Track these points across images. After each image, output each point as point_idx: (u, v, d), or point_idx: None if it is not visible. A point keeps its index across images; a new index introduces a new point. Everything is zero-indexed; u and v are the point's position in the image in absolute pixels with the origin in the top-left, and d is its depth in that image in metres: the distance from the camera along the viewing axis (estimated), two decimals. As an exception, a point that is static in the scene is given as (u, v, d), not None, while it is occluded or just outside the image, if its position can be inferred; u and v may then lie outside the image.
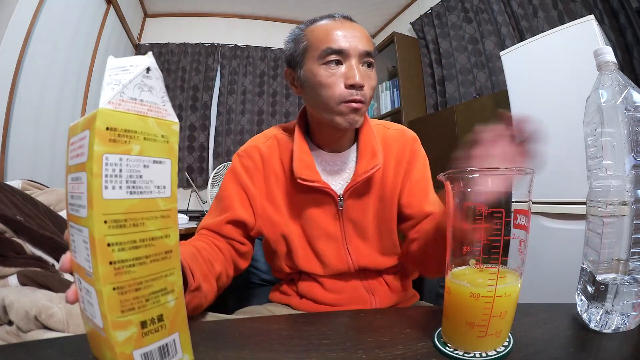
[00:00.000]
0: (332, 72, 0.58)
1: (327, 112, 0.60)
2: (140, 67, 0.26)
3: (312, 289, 0.66)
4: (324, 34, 0.59)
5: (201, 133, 3.61)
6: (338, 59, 0.58)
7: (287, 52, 0.65)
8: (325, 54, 0.58)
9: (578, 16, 1.85)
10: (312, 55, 0.60)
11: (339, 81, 0.58)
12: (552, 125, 1.67)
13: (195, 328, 0.32)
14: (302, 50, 0.61)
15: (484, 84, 2.57)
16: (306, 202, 0.65)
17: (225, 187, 0.67)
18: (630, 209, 0.37)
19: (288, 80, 0.67)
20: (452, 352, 0.33)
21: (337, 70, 0.58)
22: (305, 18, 0.66)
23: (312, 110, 0.65)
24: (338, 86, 0.58)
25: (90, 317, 0.26)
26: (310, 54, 0.60)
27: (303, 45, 0.61)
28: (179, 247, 0.28)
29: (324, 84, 0.58)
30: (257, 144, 0.68)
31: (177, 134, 0.28)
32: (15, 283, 0.75)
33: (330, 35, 0.58)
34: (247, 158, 0.67)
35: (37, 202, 1.00)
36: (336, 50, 0.58)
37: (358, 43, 0.59)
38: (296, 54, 0.62)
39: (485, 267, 0.32)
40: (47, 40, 1.94)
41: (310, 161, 0.64)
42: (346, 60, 0.59)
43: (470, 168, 0.34)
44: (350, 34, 0.59)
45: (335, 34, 0.58)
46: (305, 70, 0.61)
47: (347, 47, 0.58)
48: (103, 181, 0.23)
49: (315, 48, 0.59)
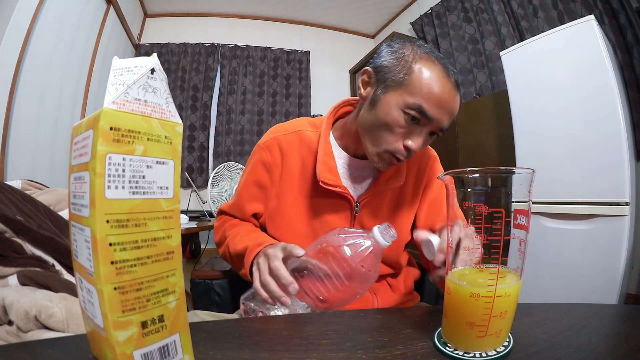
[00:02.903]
0: (405, 125, 0.55)
1: (371, 144, 0.59)
2: (144, 68, 0.26)
3: None
4: (427, 88, 0.53)
5: (201, 133, 3.61)
6: (418, 118, 0.54)
7: (384, 60, 0.58)
8: (413, 107, 0.54)
9: (578, 16, 1.85)
10: (401, 94, 0.55)
11: (403, 136, 0.56)
12: (552, 125, 1.67)
13: (195, 328, 0.33)
14: (397, 80, 0.55)
15: (484, 84, 2.57)
16: (322, 204, 0.65)
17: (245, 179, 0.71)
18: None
19: (362, 79, 0.62)
20: (452, 352, 0.33)
21: (410, 127, 0.55)
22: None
23: (359, 125, 0.62)
24: (399, 140, 0.56)
25: (91, 316, 0.26)
26: (401, 91, 0.55)
27: (402, 77, 0.55)
28: (180, 247, 0.28)
29: (391, 129, 0.56)
30: (277, 136, 0.68)
31: (181, 135, 0.28)
32: (15, 283, 0.75)
33: (432, 94, 0.53)
34: (267, 151, 0.67)
35: (37, 202, 1.00)
36: (424, 114, 0.54)
37: (445, 118, 0.55)
38: (389, 75, 0.56)
39: (485, 267, 0.33)
40: (47, 40, 1.94)
41: (333, 164, 0.64)
42: (423, 125, 0.55)
43: (470, 169, 0.34)
44: (447, 107, 0.54)
45: (436, 97, 0.53)
46: (385, 99, 0.56)
47: (435, 118, 0.54)
48: (106, 181, 0.23)
49: (410, 91, 0.54)
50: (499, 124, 2.08)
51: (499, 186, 0.32)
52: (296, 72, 3.87)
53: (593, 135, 1.52)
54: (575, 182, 1.58)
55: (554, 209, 1.64)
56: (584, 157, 1.55)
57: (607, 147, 1.47)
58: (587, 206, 1.53)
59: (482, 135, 2.19)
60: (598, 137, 1.50)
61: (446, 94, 0.54)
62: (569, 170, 1.61)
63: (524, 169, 0.31)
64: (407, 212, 0.68)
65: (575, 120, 1.58)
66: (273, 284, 0.49)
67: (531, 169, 0.32)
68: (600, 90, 1.47)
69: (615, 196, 1.46)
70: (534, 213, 1.61)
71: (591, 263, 1.50)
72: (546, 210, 1.67)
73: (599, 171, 1.51)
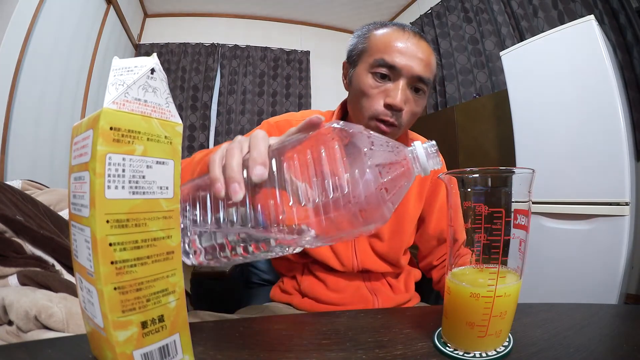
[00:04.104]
0: (376, 85, 0.56)
1: (357, 119, 0.60)
2: (144, 68, 0.26)
3: (315, 288, 0.66)
4: (384, 44, 0.56)
5: (201, 133, 3.60)
6: (387, 74, 0.55)
7: (350, 46, 0.63)
8: (376, 64, 0.55)
9: (578, 16, 1.85)
10: (365, 60, 0.58)
11: (380, 96, 0.56)
12: (552, 125, 1.67)
13: (195, 328, 0.33)
14: (359, 51, 0.59)
15: (484, 84, 2.57)
16: None
17: None
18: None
19: (342, 73, 0.66)
20: (452, 352, 0.33)
21: (383, 85, 0.56)
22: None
23: (350, 111, 0.64)
24: (377, 101, 0.56)
25: (91, 316, 0.26)
26: (364, 58, 0.58)
27: (362, 47, 0.59)
28: (180, 247, 0.28)
29: (365, 93, 0.57)
30: (291, 120, 0.67)
31: (181, 135, 0.28)
32: (15, 283, 0.75)
33: (389, 46, 0.55)
34: (276, 130, 0.65)
35: (37, 202, 1.00)
36: (388, 65, 0.55)
37: (414, 64, 0.54)
38: (354, 52, 0.61)
39: (485, 267, 0.33)
40: (47, 41, 1.94)
41: None
42: (395, 79, 0.55)
43: (470, 169, 0.34)
44: (410, 52, 0.55)
45: (394, 47, 0.55)
46: (355, 72, 0.60)
47: (400, 66, 0.54)
48: (106, 181, 0.23)
49: (370, 54, 0.57)
50: (499, 124, 2.08)
51: (499, 186, 0.33)
52: (296, 72, 3.87)
53: (593, 135, 1.52)
54: (575, 182, 1.58)
55: (554, 209, 1.64)
56: (584, 157, 1.55)
57: (607, 147, 1.47)
58: (587, 206, 1.53)
59: (482, 135, 2.19)
60: (598, 137, 1.50)
61: (405, 41, 0.55)
62: (569, 170, 1.61)
63: (524, 169, 0.31)
64: (410, 215, 0.68)
65: (575, 120, 1.58)
66: (237, 158, 0.31)
67: (531, 169, 0.32)
68: (600, 90, 1.47)
69: (615, 196, 1.46)
70: (534, 213, 1.61)
71: (591, 263, 1.50)
72: (546, 210, 1.67)
73: (599, 171, 1.51)
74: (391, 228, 0.67)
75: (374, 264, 0.66)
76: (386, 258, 0.67)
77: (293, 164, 0.31)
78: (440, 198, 0.69)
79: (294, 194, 0.30)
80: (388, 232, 0.66)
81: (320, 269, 0.67)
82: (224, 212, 0.31)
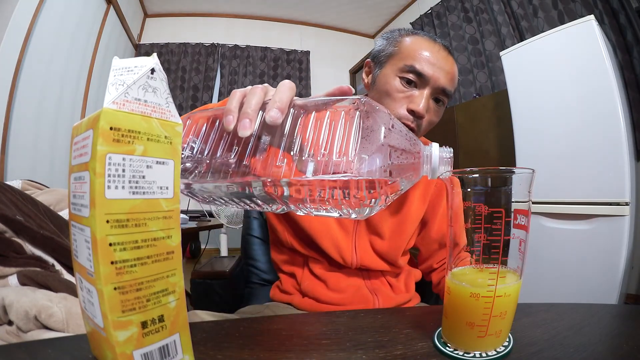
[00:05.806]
0: (402, 89, 0.58)
1: None
2: (144, 68, 0.26)
3: (316, 287, 0.66)
4: (415, 51, 0.58)
5: (201, 133, 3.60)
6: (414, 80, 0.57)
7: (377, 47, 0.64)
8: (406, 69, 0.57)
9: (578, 16, 1.85)
10: (394, 63, 0.59)
11: (404, 101, 0.58)
12: (552, 125, 1.67)
13: (195, 328, 0.33)
14: (389, 53, 0.61)
15: (484, 84, 2.57)
16: None
17: None
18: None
19: (364, 71, 0.67)
20: (452, 352, 0.33)
21: (409, 90, 0.58)
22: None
23: None
24: (400, 104, 0.58)
25: (90, 316, 0.26)
26: (393, 61, 0.60)
27: (392, 50, 0.61)
28: (180, 247, 0.28)
29: (390, 95, 0.58)
30: None
31: (181, 135, 0.28)
32: (15, 283, 0.75)
33: (420, 55, 0.57)
34: None
35: (37, 202, 1.00)
36: (417, 72, 0.57)
37: (441, 76, 0.57)
38: (382, 53, 0.62)
39: (485, 267, 0.33)
40: (47, 40, 1.94)
41: None
42: (421, 87, 0.58)
43: (470, 169, 0.34)
44: (439, 64, 0.57)
45: (425, 57, 0.57)
46: (382, 73, 0.61)
47: (429, 75, 0.57)
48: (106, 181, 0.23)
49: (400, 58, 0.59)
50: (499, 124, 2.08)
51: (499, 186, 0.32)
52: (296, 72, 3.87)
53: (593, 135, 1.52)
54: (575, 182, 1.58)
55: (554, 209, 1.64)
56: (584, 157, 1.55)
57: (607, 147, 1.47)
58: (587, 206, 1.54)
59: (482, 135, 2.19)
60: (598, 137, 1.50)
61: (435, 53, 0.58)
62: (569, 170, 1.61)
63: (524, 169, 0.31)
64: (413, 216, 0.68)
65: (575, 120, 1.58)
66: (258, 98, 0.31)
67: (531, 169, 0.32)
68: (600, 90, 1.47)
69: (615, 196, 1.46)
70: (534, 213, 1.62)
71: (591, 263, 1.50)
72: (546, 210, 1.67)
73: (599, 171, 1.51)
74: (392, 227, 0.67)
75: (373, 262, 0.66)
76: (385, 257, 0.67)
77: (309, 118, 0.31)
78: (445, 202, 0.70)
79: (300, 150, 0.29)
80: (389, 231, 0.66)
81: (320, 267, 0.67)
82: (224, 145, 0.31)
